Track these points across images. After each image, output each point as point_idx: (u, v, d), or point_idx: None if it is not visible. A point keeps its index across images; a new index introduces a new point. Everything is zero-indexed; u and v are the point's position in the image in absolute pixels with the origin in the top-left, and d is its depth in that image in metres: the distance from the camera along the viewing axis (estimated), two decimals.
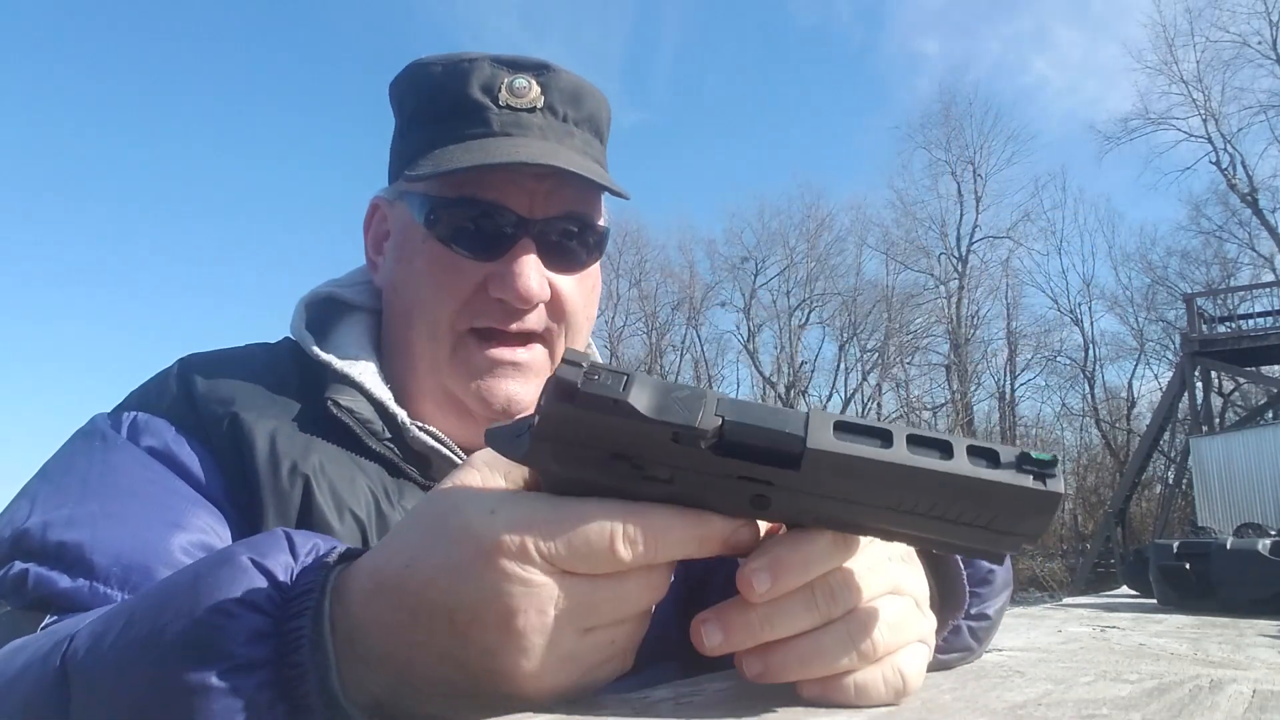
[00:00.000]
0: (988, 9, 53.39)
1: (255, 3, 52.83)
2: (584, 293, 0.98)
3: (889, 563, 0.57)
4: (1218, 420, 24.32)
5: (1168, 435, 23.87)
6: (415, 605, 0.49)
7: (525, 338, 0.94)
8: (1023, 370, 32.96)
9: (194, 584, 0.53)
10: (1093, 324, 33.18)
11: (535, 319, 0.94)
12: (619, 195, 0.95)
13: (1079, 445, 31.66)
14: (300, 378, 0.92)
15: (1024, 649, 0.97)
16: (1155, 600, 1.95)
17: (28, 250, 49.25)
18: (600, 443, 0.48)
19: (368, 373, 0.93)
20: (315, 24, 54.58)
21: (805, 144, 52.07)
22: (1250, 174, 28.64)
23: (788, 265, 34.70)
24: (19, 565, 0.73)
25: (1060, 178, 42.51)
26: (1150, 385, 30.43)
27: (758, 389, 33.06)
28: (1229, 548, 1.81)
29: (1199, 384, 21.07)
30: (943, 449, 0.48)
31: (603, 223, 0.99)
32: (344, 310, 1.03)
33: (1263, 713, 0.60)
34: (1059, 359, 32.56)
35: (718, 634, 0.52)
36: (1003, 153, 34.45)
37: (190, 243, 50.87)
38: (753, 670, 0.53)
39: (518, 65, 0.94)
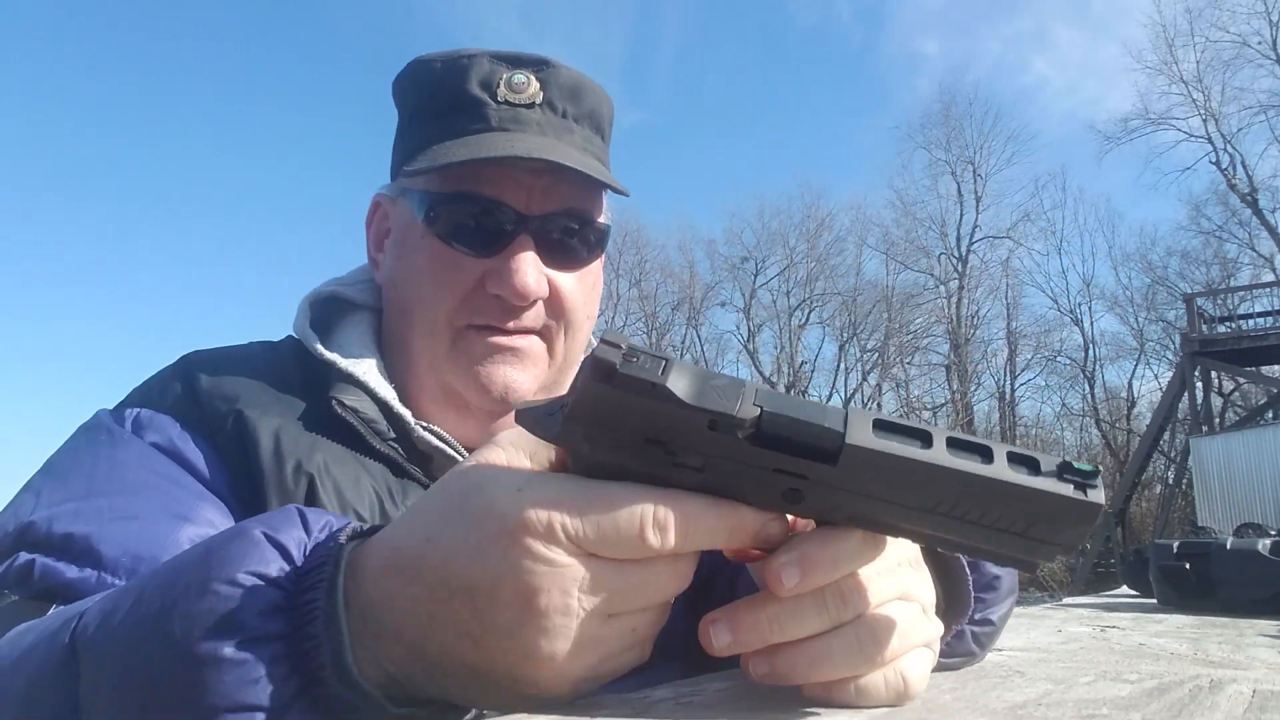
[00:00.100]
0: (988, 9, 53.43)
1: (255, 3, 52.88)
2: (584, 290, 0.97)
3: (899, 568, 0.56)
4: (1218, 420, 24.31)
5: (1168, 435, 23.87)
6: (434, 581, 0.48)
7: (523, 333, 0.93)
8: (1023, 370, 33.03)
9: (206, 557, 0.52)
10: (1093, 324, 33.27)
11: (533, 316, 0.93)
12: (617, 191, 0.95)
13: (1079, 445, 31.65)
14: (303, 377, 0.92)
15: (1024, 649, 0.97)
16: (1155, 600, 1.94)
17: (28, 250, 49.30)
18: (634, 426, 0.47)
19: (372, 372, 0.93)
20: (315, 24, 54.64)
21: (805, 144, 52.14)
22: (1250, 174, 28.68)
23: (788, 265, 34.76)
24: (25, 556, 0.72)
25: (1060, 178, 42.65)
26: (1150, 385, 30.49)
27: None
28: (1229, 548, 1.80)
29: (1199, 384, 21.06)
30: (983, 454, 0.47)
31: (604, 220, 0.98)
32: (347, 309, 1.03)
33: (1263, 713, 0.60)
34: (1059, 359, 32.63)
35: (726, 634, 0.52)
36: (1003, 153, 34.53)
37: (190, 243, 50.93)
38: (759, 671, 0.53)
39: (517, 61, 0.94)
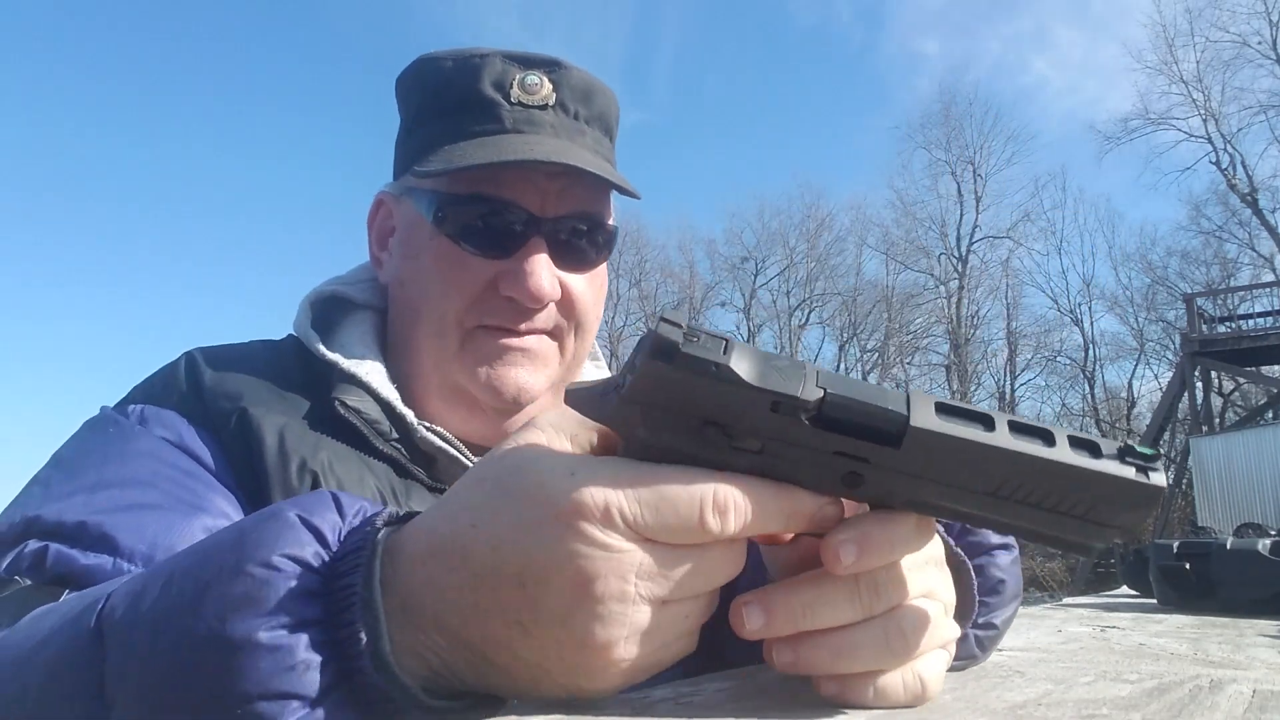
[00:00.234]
0: (988, 9, 53.44)
1: (255, 3, 52.89)
2: (594, 291, 0.98)
3: (927, 565, 0.56)
4: (1218, 420, 24.30)
5: (1168, 435, 23.82)
6: (479, 568, 0.47)
7: (535, 333, 0.93)
8: (1023, 370, 33.07)
9: (239, 540, 0.50)
10: (1093, 324, 33.36)
11: (545, 318, 0.93)
12: (631, 195, 0.94)
13: None
14: (305, 376, 0.91)
15: (1024, 649, 0.96)
16: (1155, 600, 1.94)
17: (28, 250, 49.34)
18: (693, 408, 0.47)
19: (374, 372, 0.92)
20: (315, 24, 54.68)
21: (805, 144, 52.23)
22: (1250, 174, 28.70)
23: (788, 265, 34.80)
24: (36, 543, 0.71)
25: (1060, 178, 42.77)
26: (1150, 385, 30.52)
27: None
28: (1229, 548, 1.80)
29: (1199, 384, 21.05)
30: (1045, 437, 0.48)
31: (612, 222, 0.99)
32: (348, 308, 1.02)
33: (1263, 713, 0.60)
34: (1059, 359, 32.68)
35: (759, 617, 0.51)
36: (1003, 153, 34.61)
37: (190, 243, 50.98)
38: (783, 659, 0.52)
39: (529, 62, 0.93)
